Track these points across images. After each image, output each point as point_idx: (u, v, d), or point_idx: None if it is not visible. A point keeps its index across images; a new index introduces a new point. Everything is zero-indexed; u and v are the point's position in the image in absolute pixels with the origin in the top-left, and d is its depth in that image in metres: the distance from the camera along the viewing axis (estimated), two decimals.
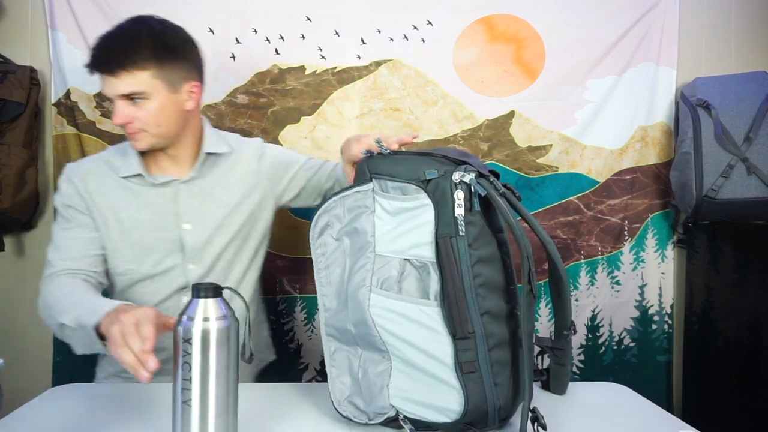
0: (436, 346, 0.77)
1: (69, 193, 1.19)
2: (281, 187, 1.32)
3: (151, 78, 1.10)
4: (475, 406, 0.76)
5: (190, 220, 1.21)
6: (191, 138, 1.22)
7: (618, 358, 1.82)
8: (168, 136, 1.17)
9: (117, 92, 1.10)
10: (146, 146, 1.16)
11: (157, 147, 1.18)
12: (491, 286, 0.78)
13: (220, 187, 1.24)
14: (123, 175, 1.19)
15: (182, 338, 0.70)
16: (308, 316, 1.73)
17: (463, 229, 0.76)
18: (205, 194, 1.23)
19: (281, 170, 1.32)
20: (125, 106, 1.11)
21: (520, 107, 1.75)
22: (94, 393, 1.00)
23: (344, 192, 0.87)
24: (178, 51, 1.15)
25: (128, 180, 1.19)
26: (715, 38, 1.85)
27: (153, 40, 1.11)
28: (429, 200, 0.78)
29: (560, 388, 0.97)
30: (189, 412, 0.70)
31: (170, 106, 1.15)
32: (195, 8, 1.67)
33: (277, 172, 1.31)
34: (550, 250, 0.83)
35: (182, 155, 1.22)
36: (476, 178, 0.77)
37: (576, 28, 1.76)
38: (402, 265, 0.80)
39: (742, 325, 1.58)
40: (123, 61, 1.09)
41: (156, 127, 1.14)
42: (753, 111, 1.58)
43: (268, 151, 1.33)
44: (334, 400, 0.85)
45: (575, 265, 1.80)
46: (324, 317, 0.88)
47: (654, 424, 0.88)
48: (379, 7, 1.72)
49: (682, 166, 1.65)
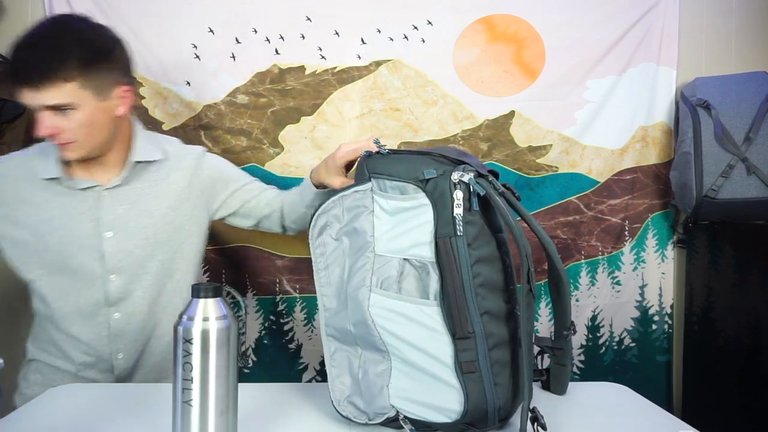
0: (435, 346, 0.77)
1: None
2: (215, 203, 1.27)
3: (77, 89, 1.02)
4: (475, 406, 0.76)
5: (112, 228, 1.15)
6: (120, 144, 1.16)
7: (618, 359, 1.82)
8: (99, 144, 1.11)
9: (41, 104, 1.02)
10: (77, 156, 1.10)
11: (90, 156, 1.12)
12: (491, 286, 0.78)
13: (149, 196, 1.18)
14: (43, 177, 1.12)
15: (182, 338, 0.70)
16: (308, 316, 1.73)
17: (461, 228, 0.76)
18: (131, 202, 1.17)
19: (218, 186, 1.27)
20: (50, 117, 1.03)
21: (520, 107, 1.75)
22: (94, 393, 1.00)
23: (343, 192, 0.87)
24: (106, 55, 1.07)
25: (48, 182, 1.13)
26: (715, 38, 1.85)
27: (79, 47, 1.03)
28: (427, 200, 0.78)
29: (560, 388, 0.97)
30: (189, 412, 0.70)
31: (100, 115, 1.08)
32: (195, 8, 1.67)
33: (213, 186, 1.26)
34: (549, 250, 0.83)
35: (111, 160, 1.16)
36: (475, 178, 0.77)
37: (576, 28, 1.76)
38: (401, 265, 0.80)
39: (742, 325, 1.58)
40: (46, 73, 0.99)
41: (86, 136, 1.07)
42: (753, 111, 1.58)
43: (207, 164, 1.27)
44: (334, 400, 0.85)
45: (576, 265, 1.80)
46: (324, 317, 0.88)
47: (654, 424, 0.88)
48: (379, 7, 1.72)
49: (682, 166, 1.65)
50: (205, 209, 1.27)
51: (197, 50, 1.67)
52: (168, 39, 1.66)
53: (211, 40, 1.67)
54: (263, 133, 1.69)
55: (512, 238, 0.77)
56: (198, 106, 1.67)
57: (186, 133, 1.67)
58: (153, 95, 1.67)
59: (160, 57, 1.66)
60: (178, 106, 1.67)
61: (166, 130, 1.67)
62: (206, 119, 1.67)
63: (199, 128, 1.67)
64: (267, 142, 1.69)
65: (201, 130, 1.67)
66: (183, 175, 1.22)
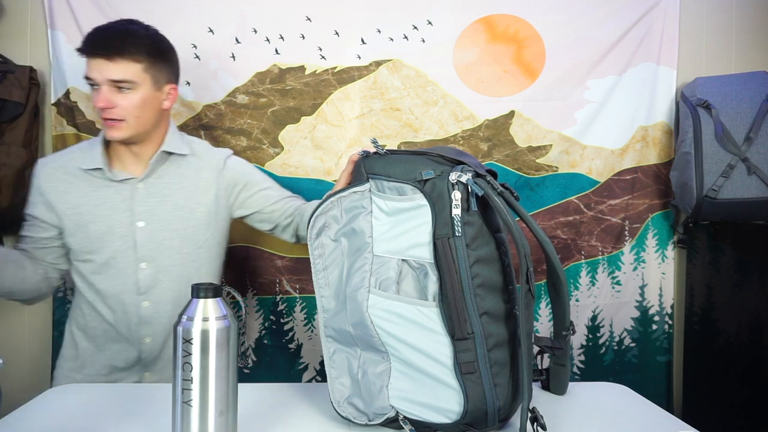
0: (435, 347, 0.77)
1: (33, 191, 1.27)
2: (234, 202, 1.35)
3: (141, 71, 1.17)
4: (474, 407, 0.76)
5: (144, 219, 1.25)
6: (157, 138, 1.27)
7: (618, 359, 1.82)
8: (144, 131, 1.23)
9: (107, 77, 1.15)
10: (122, 136, 1.20)
11: (131, 140, 1.22)
12: (490, 287, 0.78)
13: (178, 190, 1.28)
14: (85, 168, 1.24)
15: (182, 338, 0.70)
16: (308, 316, 1.73)
17: (459, 229, 0.75)
18: (162, 195, 1.26)
19: (239, 186, 1.35)
20: (110, 92, 1.16)
21: (520, 107, 1.75)
22: (94, 393, 1.00)
23: (341, 193, 0.87)
24: (166, 54, 1.25)
25: (89, 173, 1.24)
26: (715, 38, 1.84)
27: (149, 40, 1.20)
28: (425, 201, 0.78)
29: (560, 389, 0.97)
30: (189, 412, 0.70)
31: (151, 101, 1.21)
32: (195, 8, 1.67)
33: (234, 186, 1.35)
34: (548, 250, 0.83)
35: (145, 153, 1.26)
36: (473, 178, 0.76)
37: (576, 28, 1.76)
38: (400, 266, 0.80)
39: (743, 325, 1.58)
40: (120, 48, 1.15)
41: (136, 119, 1.19)
42: (753, 111, 1.58)
43: (231, 165, 1.36)
44: (334, 401, 0.85)
45: (576, 265, 1.80)
46: (323, 318, 0.88)
47: (654, 424, 0.88)
48: (379, 7, 1.72)
49: (682, 166, 1.65)
50: (227, 207, 1.35)
51: (197, 50, 1.67)
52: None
53: (211, 40, 1.67)
54: (263, 133, 1.69)
55: (511, 238, 0.77)
56: (198, 106, 1.67)
57: (186, 132, 1.67)
58: None
59: None
60: (178, 106, 1.67)
61: None
62: (206, 119, 1.67)
63: (199, 128, 1.67)
64: (267, 142, 1.69)
65: (201, 130, 1.67)
66: (210, 173, 1.31)
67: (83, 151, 1.28)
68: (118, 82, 1.16)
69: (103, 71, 1.15)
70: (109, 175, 1.24)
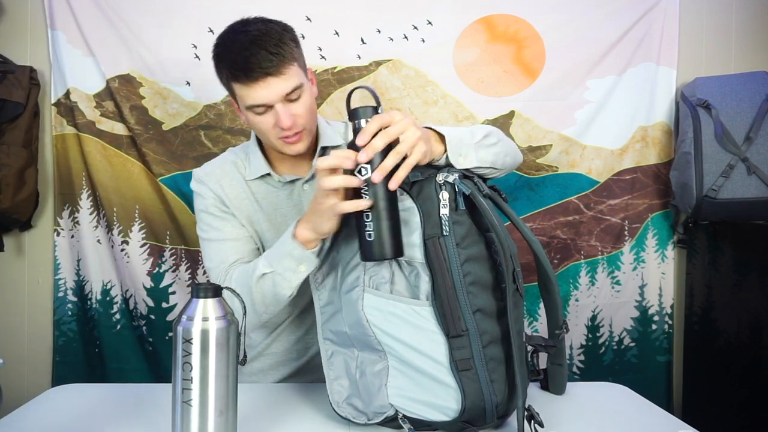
0: (430, 345, 0.78)
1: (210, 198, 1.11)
2: None
3: (299, 68, 1.01)
4: (472, 403, 0.76)
5: None
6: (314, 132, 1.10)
7: (618, 358, 1.82)
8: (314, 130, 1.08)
9: (282, 93, 0.98)
10: (305, 146, 1.05)
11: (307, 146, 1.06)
12: (481, 284, 0.78)
13: None
14: (249, 178, 1.11)
15: (182, 338, 0.70)
16: None
17: (448, 228, 0.76)
18: None
19: None
20: (286, 108, 0.99)
21: (520, 107, 1.75)
22: (94, 393, 1.00)
23: None
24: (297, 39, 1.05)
25: (254, 182, 1.12)
26: (715, 38, 1.85)
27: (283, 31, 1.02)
28: (413, 203, 0.78)
29: (559, 388, 0.97)
30: (189, 412, 0.70)
31: (311, 95, 1.05)
32: (195, 8, 1.67)
33: None
34: (535, 249, 0.84)
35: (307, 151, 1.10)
36: (460, 179, 0.77)
37: (576, 28, 1.76)
38: (392, 267, 0.80)
39: (743, 325, 1.58)
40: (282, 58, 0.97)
41: (310, 123, 1.04)
42: (753, 111, 1.58)
43: None
44: (333, 403, 0.85)
45: (575, 265, 1.80)
46: (320, 320, 0.89)
47: (654, 424, 0.88)
48: (379, 7, 1.72)
49: (682, 166, 1.65)
50: None
51: (197, 50, 1.67)
52: (168, 39, 1.66)
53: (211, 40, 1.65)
54: None
55: None
56: (198, 106, 1.67)
57: (186, 133, 1.68)
58: (153, 95, 1.67)
59: (160, 57, 1.66)
60: (178, 106, 1.67)
61: (166, 130, 1.67)
62: (206, 119, 1.67)
63: (199, 128, 1.68)
64: None
65: (201, 130, 1.67)
66: None
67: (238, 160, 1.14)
68: (290, 94, 0.99)
69: (276, 89, 0.97)
70: (278, 179, 1.10)
